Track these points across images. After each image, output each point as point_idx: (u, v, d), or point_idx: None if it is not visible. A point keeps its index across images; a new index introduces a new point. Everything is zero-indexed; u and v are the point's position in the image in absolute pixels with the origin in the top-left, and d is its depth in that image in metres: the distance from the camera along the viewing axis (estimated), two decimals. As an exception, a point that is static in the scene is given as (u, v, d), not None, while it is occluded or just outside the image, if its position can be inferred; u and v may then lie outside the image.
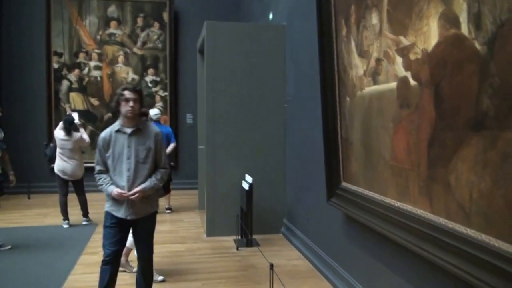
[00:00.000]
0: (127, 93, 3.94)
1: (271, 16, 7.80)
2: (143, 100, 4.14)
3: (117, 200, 3.98)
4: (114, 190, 3.93)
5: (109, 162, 4.02)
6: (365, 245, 4.23)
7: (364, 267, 4.24)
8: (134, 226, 4.14)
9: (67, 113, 9.11)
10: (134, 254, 4.49)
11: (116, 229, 4.04)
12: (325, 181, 4.72)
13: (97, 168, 4.10)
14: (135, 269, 5.06)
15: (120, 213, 4.00)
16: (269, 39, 7.00)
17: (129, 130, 4.00)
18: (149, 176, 4.05)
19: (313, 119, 5.41)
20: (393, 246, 3.55)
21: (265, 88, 6.96)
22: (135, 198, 3.92)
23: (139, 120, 4.10)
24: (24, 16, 10.71)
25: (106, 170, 4.07)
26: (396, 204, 3.38)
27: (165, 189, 5.27)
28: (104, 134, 4.08)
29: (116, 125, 4.08)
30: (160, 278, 4.99)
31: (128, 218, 3.99)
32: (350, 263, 4.60)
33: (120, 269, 4.39)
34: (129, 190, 3.93)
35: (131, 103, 3.93)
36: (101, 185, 4.03)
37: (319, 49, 4.61)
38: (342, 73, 4.29)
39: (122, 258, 4.93)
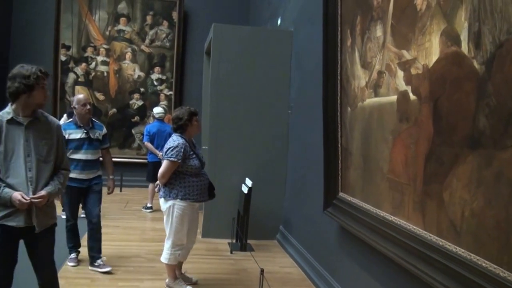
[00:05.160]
0: (45, 78, 3.32)
1: (279, 21, 7.81)
2: None
3: (12, 205, 3.12)
4: (16, 193, 3.08)
5: None
6: (357, 258, 4.21)
7: (356, 279, 4.22)
8: (30, 241, 3.34)
9: (72, 106, 9.16)
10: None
11: (9, 247, 3.26)
12: (323, 191, 4.72)
13: None
14: (194, 279, 5.06)
15: (17, 221, 3.18)
16: (276, 44, 7.00)
17: (26, 120, 3.24)
18: (51, 178, 3.34)
19: (314, 127, 5.40)
20: (385, 260, 3.53)
21: (269, 93, 6.96)
22: (40, 203, 3.17)
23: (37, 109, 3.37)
24: (34, 7, 10.79)
25: None
26: (390, 218, 3.37)
27: (211, 195, 4.98)
28: None
29: (6, 113, 3.24)
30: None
31: (36, 228, 3.22)
32: (342, 275, 4.58)
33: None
34: (33, 195, 3.17)
35: (47, 92, 3.39)
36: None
37: (324, 58, 4.60)
38: (345, 83, 4.29)
39: (176, 272, 4.86)
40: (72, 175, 4.77)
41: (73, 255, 5.28)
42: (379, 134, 3.58)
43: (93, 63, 10.96)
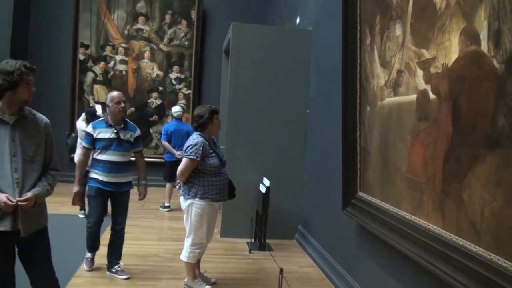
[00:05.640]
0: (30, 74, 3.15)
1: (298, 20, 7.80)
2: None
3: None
4: (1, 195, 2.94)
5: None
6: (377, 257, 4.20)
7: (375, 279, 4.22)
8: (21, 245, 3.19)
9: (91, 105, 9.23)
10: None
11: (4, 252, 3.14)
12: (342, 190, 4.71)
13: None
14: (213, 279, 5.06)
15: (4, 225, 3.02)
16: (295, 43, 6.99)
17: (12, 119, 3.08)
18: (38, 179, 3.18)
19: (333, 126, 5.39)
20: (404, 260, 3.52)
21: (287, 92, 6.96)
22: (26, 206, 3.00)
23: (24, 106, 3.21)
24: (53, 6, 10.93)
25: None
26: (409, 218, 3.35)
27: (231, 195, 4.95)
28: None
29: None
30: (207, 287, 4.82)
31: (17, 231, 3.06)
32: (361, 274, 4.57)
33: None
34: (20, 197, 3.02)
35: (33, 88, 3.21)
36: None
37: (343, 57, 4.60)
38: (364, 82, 4.28)
39: (196, 272, 4.89)
40: (97, 176, 4.80)
41: (88, 255, 5.14)
42: (398, 134, 3.57)
43: (112, 62, 11.07)
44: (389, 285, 3.90)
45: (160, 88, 11.25)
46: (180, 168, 4.60)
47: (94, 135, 4.85)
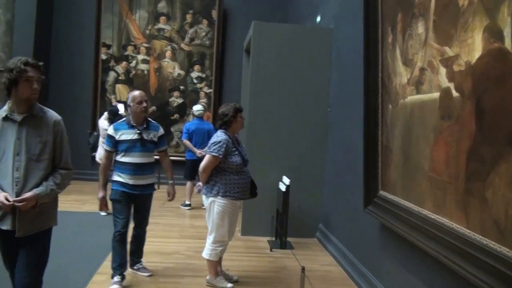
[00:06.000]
0: (30, 70, 2.99)
1: (318, 18, 7.78)
2: (42, 79, 3.15)
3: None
4: (0, 195, 2.94)
5: None
6: (399, 256, 4.18)
7: (398, 278, 4.19)
8: (21, 245, 3.10)
9: (113, 104, 9.33)
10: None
11: (11, 250, 3.12)
12: (363, 188, 4.69)
13: None
14: (235, 277, 5.07)
15: (6, 224, 3.02)
16: (316, 41, 6.99)
17: (20, 117, 3.04)
18: (45, 178, 3.09)
19: (354, 124, 5.37)
20: (427, 259, 3.50)
21: (308, 90, 6.95)
22: (23, 206, 2.94)
23: (34, 104, 3.12)
24: (75, 7, 11.11)
25: None
26: (432, 216, 3.33)
27: (253, 194, 4.92)
28: None
29: (3, 111, 3.09)
30: (229, 285, 4.84)
31: (16, 232, 3.02)
32: (384, 274, 4.55)
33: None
34: (18, 196, 2.97)
35: (34, 85, 3.03)
36: None
37: (364, 55, 4.58)
38: (386, 80, 4.25)
39: (218, 269, 4.94)
40: (121, 179, 4.67)
41: (116, 278, 4.67)
42: (421, 132, 3.55)
43: (134, 62, 11.19)
44: (412, 284, 3.87)
45: (182, 87, 11.33)
46: (202, 164, 4.63)
47: (117, 137, 4.68)
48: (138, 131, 4.71)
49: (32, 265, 3.12)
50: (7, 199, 2.91)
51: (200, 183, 4.79)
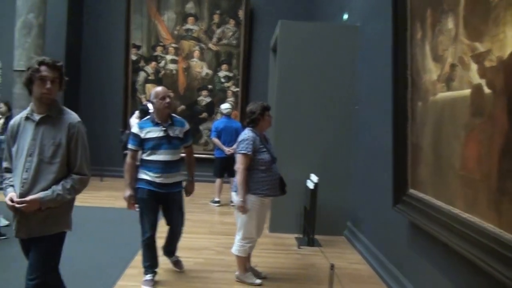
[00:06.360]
0: (44, 70, 2.94)
1: (345, 16, 7.73)
2: (64, 79, 3.10)
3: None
4: (9, 194, 2.96)
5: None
6: (429, 256, 4.13)
7: (428, 278, 4.14)
8: (30, 246, 3.10)
9: (143, 103, 9.43)
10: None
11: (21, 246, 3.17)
12: (392, 186, 4.65)
13: (4, 164, 3.14)
14: (264, 273, 5.10)
15: (13, 224, 3.07)
16: (342, 39, 6.95)
17: (38, 117, 3.02)
18: (56, 182, 3.01)
19: (382, 122, 5.33)
20: (457, 258, 3.45)
21: (335, 88, 6.92)
22: (25, 208, 2.90)
23: (54, 105, 3.08)
24: (105, 9, 11.36)
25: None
26: (464, 216, 3.27)
27: (282, 191, 4.92)
28: (13, 121, 3.13)
29: (26, 110, 3.10)
30: (258, 281, 4.87)
31: (18, 235, 3.04)
32: (413, 273, 4.50)
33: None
34: (23, 197, 2.93)
35: (48, 84, 2.96)
36: (5, 188, 3.06)
37: (393, 52, 4.53)
38: (415, 77, 4.20)
39: (247, 265, 4.97)
40: (148, 178, 4.54)
41: (148, 277, 4.67)
42: (451, 129, 3.50)
43: (163, 62, 11.33)
44: (440, 283, 3.83)
45: (210, 86, 11.42)
46: (236, 166, 4.65)
47: (142, 136, 4.54)
48: (164, 128, 4.57)
49: (34, 267, 3.05)
50: (11, 200, 2.91)
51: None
